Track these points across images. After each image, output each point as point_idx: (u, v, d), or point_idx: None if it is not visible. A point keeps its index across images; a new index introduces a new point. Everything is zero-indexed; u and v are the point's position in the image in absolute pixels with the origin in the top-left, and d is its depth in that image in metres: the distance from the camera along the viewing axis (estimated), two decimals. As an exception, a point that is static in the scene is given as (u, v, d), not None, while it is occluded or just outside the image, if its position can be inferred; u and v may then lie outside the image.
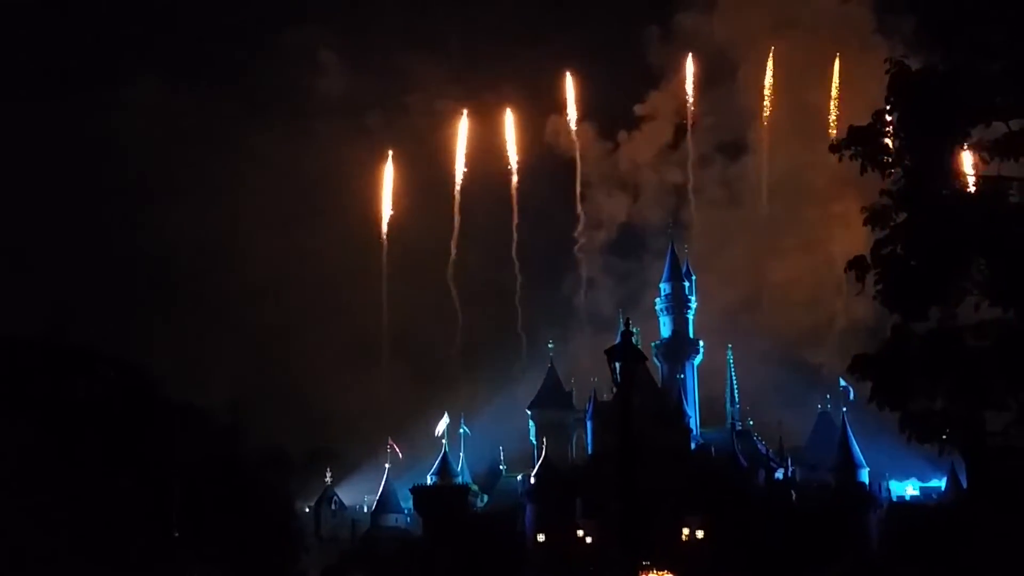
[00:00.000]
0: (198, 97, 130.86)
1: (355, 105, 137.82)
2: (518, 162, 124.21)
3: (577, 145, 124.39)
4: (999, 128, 13.31)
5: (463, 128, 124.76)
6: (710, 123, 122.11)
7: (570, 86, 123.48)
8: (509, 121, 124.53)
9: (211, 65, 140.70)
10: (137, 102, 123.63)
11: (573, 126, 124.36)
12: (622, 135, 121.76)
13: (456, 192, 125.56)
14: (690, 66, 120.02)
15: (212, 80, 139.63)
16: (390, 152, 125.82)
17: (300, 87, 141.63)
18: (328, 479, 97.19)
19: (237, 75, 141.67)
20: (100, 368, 48.41)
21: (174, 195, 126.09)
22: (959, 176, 13.37)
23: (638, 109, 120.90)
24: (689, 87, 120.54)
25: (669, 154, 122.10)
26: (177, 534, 49.98)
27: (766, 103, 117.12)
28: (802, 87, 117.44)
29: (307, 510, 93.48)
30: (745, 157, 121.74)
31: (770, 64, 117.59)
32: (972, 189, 13.30)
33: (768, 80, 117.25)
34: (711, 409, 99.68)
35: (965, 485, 70.81)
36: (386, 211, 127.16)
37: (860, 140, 13.80)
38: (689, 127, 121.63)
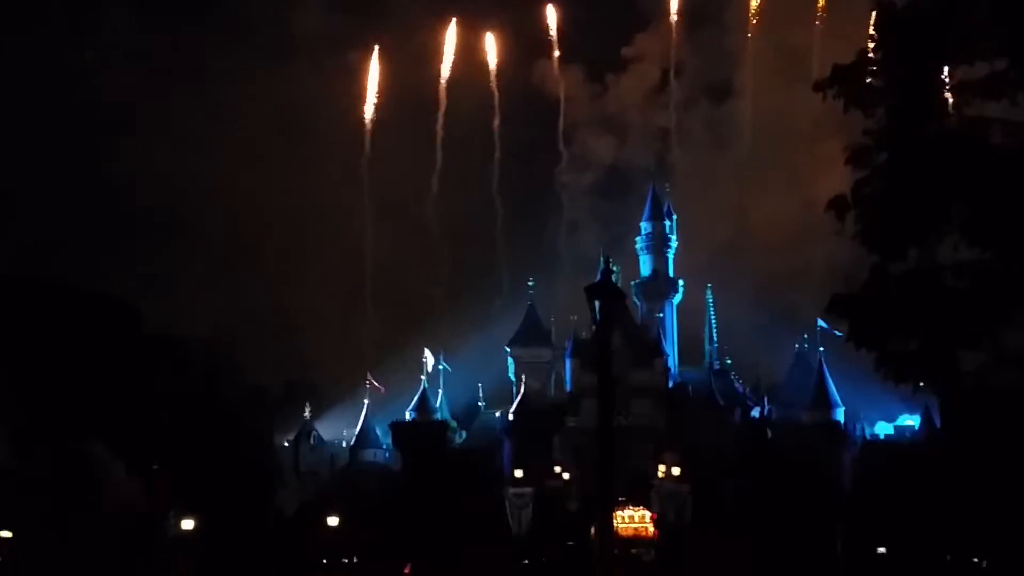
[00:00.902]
0: (172, 31, 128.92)
1: (334, 40, 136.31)
2: (500, 99, 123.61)
3: (561, 83, 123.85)
4: (983, 68, 13.22)
5: (447, 57, 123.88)
6: (696, 65, 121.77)
7: (552, 19, 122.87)
8: (492, 50, 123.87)
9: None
10: (110, 36, 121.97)
11: (555, 63, 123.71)
12: (610, 77, 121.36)
13: (439, 127, 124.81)
14: (674, 5, 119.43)
15: (185, 13, 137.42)
16: (369, 89, 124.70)
17: (279, 20, 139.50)
18: (307, 414, 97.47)
19: (211, 7, 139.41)
20: (79, 303, 48.22)
21: (152, 130, 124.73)
22: (942, 116, 13.29)
23: (626, 51, 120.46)
24: (674, 28, 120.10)
25: (656, 97, 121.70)
26: (156, 468, 50.20)
27: (749, 44, 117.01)
28: (788, 27, 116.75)
29: (285, 445, 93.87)
30: (731, 99, 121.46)
31: (755, 4, 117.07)
32: (954, 129, 13.22)
33: (752, 19, 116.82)
34: (690, 348, 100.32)
35: (939, 425, 71.71)
36: (367, 146, 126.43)
37: (844, 79, 13.68)
38: (672, 71, 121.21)
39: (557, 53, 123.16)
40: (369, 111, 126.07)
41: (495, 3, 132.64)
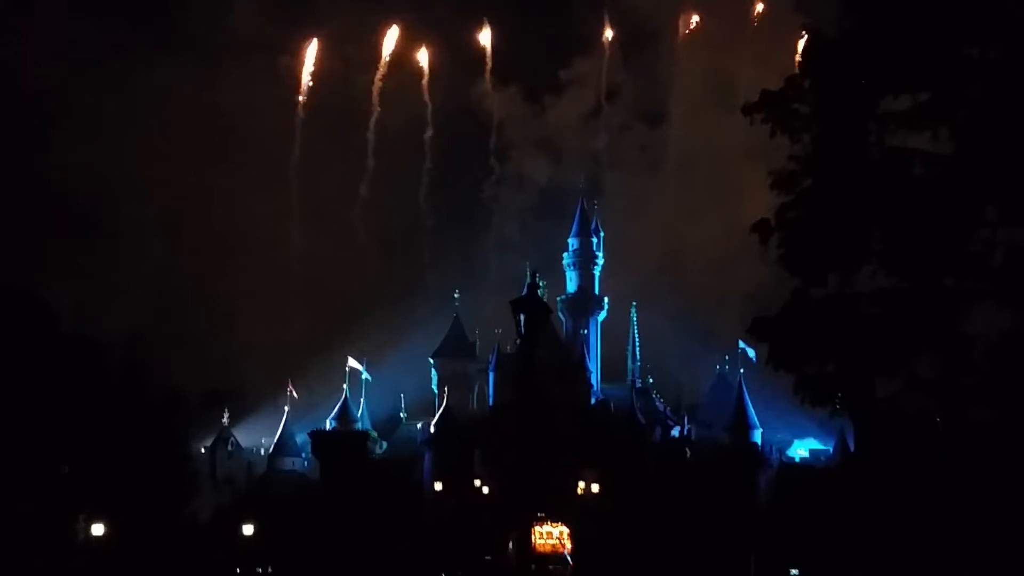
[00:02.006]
0: (102, 27, 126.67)
1: (266, 43, 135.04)
2: (433, 112, 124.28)
3: (494, 100, 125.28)
4: (907, 100, 13.50)
5: (381, 67, 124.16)
6: (631, 90, 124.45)
7: (487, 38, 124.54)
8: (425, 61, 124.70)
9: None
10: (40, 30, 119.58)
11: (488, 80, 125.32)
12: (547, 99, 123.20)
13: (370, 135, 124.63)
14: (610, 31, 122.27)
15: (117, 10, 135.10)
16: (301, 93, 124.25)
17: (210, 21, 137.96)
18: (225, 420, 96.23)
19: (143, 5, 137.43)
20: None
21: (76, 127, 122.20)
22: (866, 145, 13.54)
23: (563, 74, 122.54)
24: (607, 52, 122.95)
25: (590, 119, 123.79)
26: (67, 470, 49.12)
27: (679, 69, 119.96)
28: (720, 54, 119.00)
29: (203, 450, 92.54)
30: (663, 124, 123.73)
31: (688, 29, 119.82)
32: (877, 159, 13.48)
33: (684, 45, 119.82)
34: (613, 365, 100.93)
35: (853, 448, 72.93)
36: (296, 149, 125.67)
37: (771, 104, 13.90)
38: (604, 95, 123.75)
39: (489, 70, 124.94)
40: (299, 115, 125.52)
41: (432, 19, 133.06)
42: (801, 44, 13.84)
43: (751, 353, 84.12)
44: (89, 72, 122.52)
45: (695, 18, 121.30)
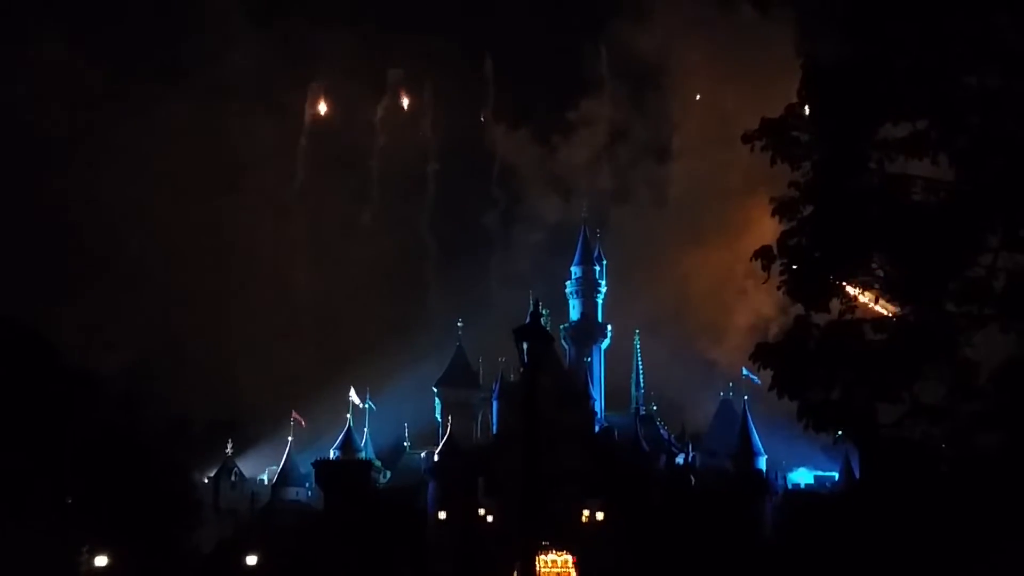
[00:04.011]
0: (105, 66, 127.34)
1: (269, 79, 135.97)
2: (437, 144, 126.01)
3: (496, 132, 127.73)
4: (906, 127, 13.55)
5: (384, 102, 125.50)
6: (638, 129, 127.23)
7: (489, 71, 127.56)
8: (428, 94, 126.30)
9: (118, 25, 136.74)
10: (42, 69, 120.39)
11: (490, 115, 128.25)
12: (556, 139, 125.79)
13: (373, 168, 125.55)
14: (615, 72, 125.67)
15: (119, 43, 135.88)
16: (304, 128, 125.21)
17: (214, 58, 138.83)
18: (229, 450, 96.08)
19: (145, 39, 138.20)
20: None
21: (78, 164, 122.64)
22: (866, 172, 13.57)
23: (571, 115, 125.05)
24: (607, 95, 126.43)
25: (597, 156, 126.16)
26: (70, 501, 48.98)
27: (689, 109, 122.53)
28: (723, 90, 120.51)
29: (206, 481, 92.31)
30: (669, 160, 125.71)
31: (694, 73, 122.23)
32: (877, 185, 13.51)
33: (687, 85, 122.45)
34: (617, 393, 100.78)
35: (857, 475, 72.71)
36: (300, 183, 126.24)
37: (771, 132, 13.94)
38: (608, 135, 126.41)
39: (491, 103, 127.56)
40: (302, 150, 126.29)
41: (434, 54, 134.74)
42: (800, 73, 13.88)
43: (756, 379, 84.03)
44: (90, 107, 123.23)
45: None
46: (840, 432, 14.00)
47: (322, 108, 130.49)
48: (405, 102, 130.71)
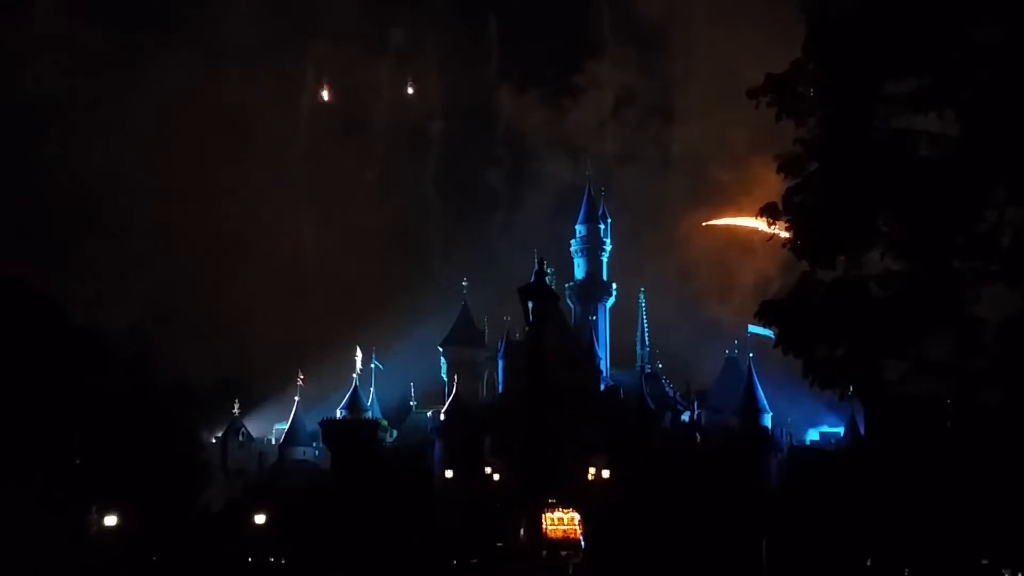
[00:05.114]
0: (105, 24, 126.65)
1: (272, 41, 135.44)
2: (441, 102, 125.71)
3: (501, 92, 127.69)
4: (912, 82, 13.44)
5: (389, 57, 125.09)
6: (644, 90, 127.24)
7: (494, 31, 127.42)
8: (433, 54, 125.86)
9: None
10: (41, 28, 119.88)
11: (494, 72, 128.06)
12: (563, 101, 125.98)
13: (376, 128, 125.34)
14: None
15: (117, 9, 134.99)
16: (308, 89, 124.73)
17: (215, 20, 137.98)
18: (236, 410, 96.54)
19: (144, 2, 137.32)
20: (3, 293, 47.21)
21: (82, 124, 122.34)
22: (871, 127, 13.49)
23: (576, 78, 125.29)
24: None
25: (604, 120, 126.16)
26: (78, 461, 49.29)
27: (694, 69, 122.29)
28: (729, 54, 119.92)
29: (213, 441, 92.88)
30: (675, 120, 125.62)
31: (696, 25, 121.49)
32: (883, 141, 13.43)
33: (696, 49, 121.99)
34: (622, 351, 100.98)
35: (863, 431, 72.91)
36: (304, 144, 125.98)
37: (776, 88, 13.84)
38: (614, 96, 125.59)
39: (496, 61, 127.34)
40: (306, 111, 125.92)
41: (439, 15, 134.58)
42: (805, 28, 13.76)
43: (767, 334, 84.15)
44: (90, 69, 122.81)
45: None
46: (846, 389, 14.02)
47: (324, 69, 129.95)
48: (407, 63, 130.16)
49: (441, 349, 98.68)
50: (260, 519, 68.46)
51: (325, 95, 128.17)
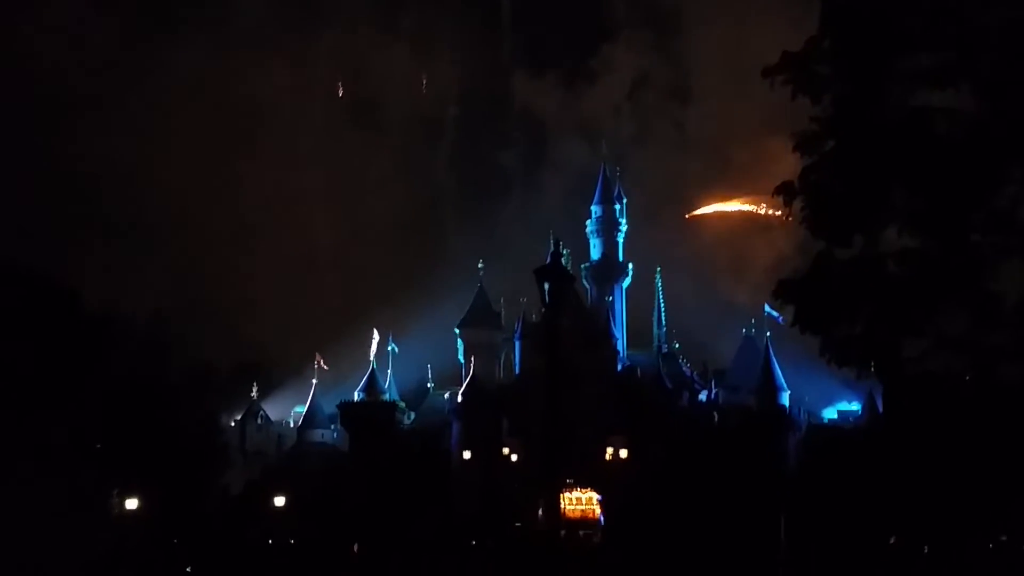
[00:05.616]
0: (119, 17, 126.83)
1: (284, 27, 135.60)
2: (456, 88, 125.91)
3: (514, 75, 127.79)
4: (929, 58, 13.38)
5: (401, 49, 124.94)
6: (659, 71, 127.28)
7: (507, 14, 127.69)
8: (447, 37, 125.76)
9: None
10: (54, 20, 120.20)
11: (509, 57, 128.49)
12: (578, 83, 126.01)
13: (392, 113, 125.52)
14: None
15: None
16: (324, 69, 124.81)
17: (226, 9, 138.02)
18: (254, 394, 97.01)
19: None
20: (18, 281, 47.46)
21: (99, 113, 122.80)
22: (888, 105, 13.44)
23: (591, 61, 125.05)
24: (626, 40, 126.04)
25: (621, 102, 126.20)
26: (100, 446, 49.68)
27: (709, 49, 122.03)
28: (744, 33, 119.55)
29: (232, 424, 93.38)
30: (690, 100, 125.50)
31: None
32: (900, 118, 13.38)
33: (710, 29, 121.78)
34: (639, 331, 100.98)
35: (881, 409, 72.80)
36: (320, 130, 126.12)
37: (792, 66, 13.78)
38: (630, 87, 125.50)
39: (509, 43, 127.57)
40: (321, 97, 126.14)
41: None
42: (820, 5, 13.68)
43: (778, 317, 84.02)
44: (105, 59, 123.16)
45: None
46: (864, 367, 14.00)
47: (338, 55, 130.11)
48: (421, 48, 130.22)
49: (458, 331, 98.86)
50: (279, 501, 68.84)
51: (340, 81, 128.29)
